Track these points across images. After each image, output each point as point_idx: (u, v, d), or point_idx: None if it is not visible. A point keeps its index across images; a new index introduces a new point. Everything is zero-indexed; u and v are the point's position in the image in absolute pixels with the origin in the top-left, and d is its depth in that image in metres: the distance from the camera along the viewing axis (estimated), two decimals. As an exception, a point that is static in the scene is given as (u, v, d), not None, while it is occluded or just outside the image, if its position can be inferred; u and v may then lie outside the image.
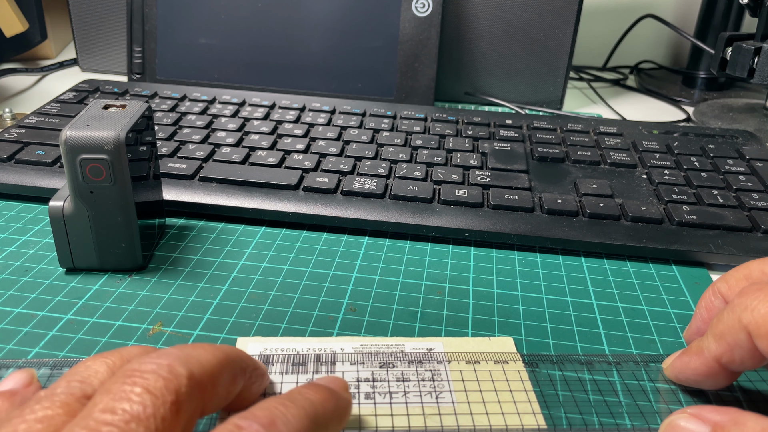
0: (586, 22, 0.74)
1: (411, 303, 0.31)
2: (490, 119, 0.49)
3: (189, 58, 0.56)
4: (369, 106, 0.50)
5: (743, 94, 0.66)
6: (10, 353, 0.26)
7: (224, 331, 0.28)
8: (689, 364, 0.24)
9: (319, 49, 0.55)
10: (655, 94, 0.65)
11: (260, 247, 0.35)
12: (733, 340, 0.21)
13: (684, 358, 0.24)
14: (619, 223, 0.36)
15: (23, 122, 0.44)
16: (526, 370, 0.26)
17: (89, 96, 0.50)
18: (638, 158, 0.44)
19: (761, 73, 0.48)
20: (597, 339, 0.29)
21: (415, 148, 0.44)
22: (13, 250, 0.34)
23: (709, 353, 0.23)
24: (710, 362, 0.23)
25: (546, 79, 0.58)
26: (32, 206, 0.38)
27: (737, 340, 0.21)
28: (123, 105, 0.31)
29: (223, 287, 0.31)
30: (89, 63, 0.64)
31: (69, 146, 0.28)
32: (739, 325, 0.21)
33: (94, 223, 0.30)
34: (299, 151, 0.42)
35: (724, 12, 0.65)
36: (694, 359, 0.23)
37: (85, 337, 0.27)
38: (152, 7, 0.55)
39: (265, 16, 0.55)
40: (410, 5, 0.53)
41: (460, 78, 0.59)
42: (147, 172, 0.32)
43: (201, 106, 0.48)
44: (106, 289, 0.31)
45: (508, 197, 0.37)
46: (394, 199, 0.37)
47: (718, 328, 0.22)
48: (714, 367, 0.23)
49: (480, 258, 0.35)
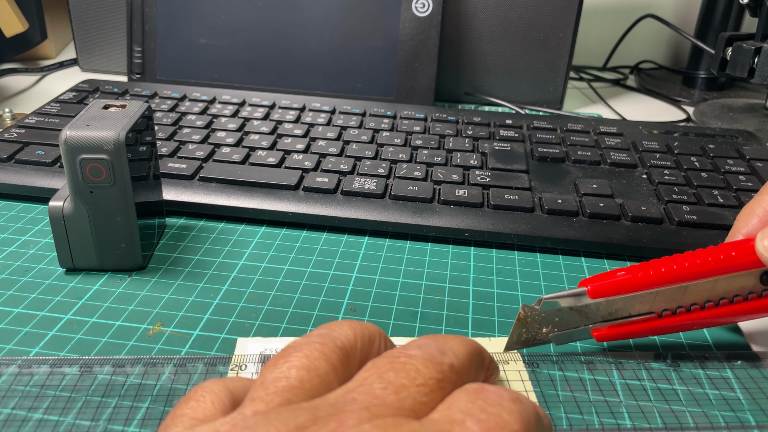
0: (586, 22, 0.74)
1: (411, 303, 0.31)
2: (490, 119, 0.49)
3: (189, 58, 0.56)
4: (369, 106, 0.50)
5: (743, 94, 0.66)
6: (10, 353, 0.26)
7: (224, 331, 0.28)
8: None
9: (319, 49, 0.55)
10: (655, 94, 0.65)
11: (260, 247, 0.35)
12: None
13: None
14: (619, 223, 0.36)
15: (23, 122, 0.44)
16: (526, 370, 0.26)
17: (89, 96, 0.50)
18: (638, 158, 0.44)
19: (761, 73, 0.48)
20: (597, 339, 0.29)
21: (415, 148, 0.44)
22: (13, 250, 0.34)
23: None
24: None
25: (546, 79, 0.58)
26: (32, 206, 0.38)
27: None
28: (123, 105, 0.31)
29: (223, 287, 0.31)
30: (89, 63, 0.64)
31: (69, 146, 0.28)
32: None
33: (94, 223, 0.30)
34: (299, 151, 0.42)
35: (724, 12, 0.65)
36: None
37: (85, 337, 0.27)
38: (152, 7, 0.55)
39: (265, 16, 0.55)
40: (410, 5, 0.53)
41: (460, 78, 0.59)
42: (147, 172, 0.32)
43: (201, 106, 0.48)
44: (106, 289, 0.31)
45: (508, 197, 0.37)
46: (394, 199, 0.37)
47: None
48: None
49: (480, 258, 0.35)
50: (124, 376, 0.25)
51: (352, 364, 0.19)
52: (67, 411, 0.23)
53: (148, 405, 0.24)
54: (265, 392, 0.18)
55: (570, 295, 0.25)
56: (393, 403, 0.17)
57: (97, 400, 0.24)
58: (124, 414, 0.23)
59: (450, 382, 0.19)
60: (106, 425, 0.23)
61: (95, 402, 0.24)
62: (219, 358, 0.26)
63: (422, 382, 0.18)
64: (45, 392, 0.24)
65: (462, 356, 0.20)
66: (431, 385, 0.18)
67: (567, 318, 0.26)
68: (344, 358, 0.19)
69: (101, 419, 0.23)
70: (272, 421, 0.16)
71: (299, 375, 0.18)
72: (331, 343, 0.19)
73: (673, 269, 0.25)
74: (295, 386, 0.18)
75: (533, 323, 0.26)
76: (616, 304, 0.26)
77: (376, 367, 0.18)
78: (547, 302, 0.25)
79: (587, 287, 0.25)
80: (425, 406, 0.17)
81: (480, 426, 0.16)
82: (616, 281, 0.25)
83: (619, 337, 0.26)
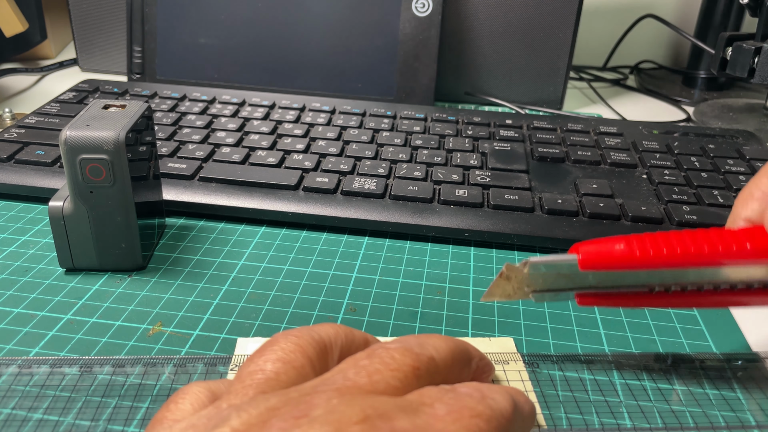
0: (586, 22, 0.74)
1: (411, 303, 0.31)
2: (490, 119, 0.49)
3: (189, 58, 0.56)
4: (369, 106, 0.50)
5: (743, 94, 0.66)
6: (10, 353, 0.26)
7: (224, 331, 0.28)
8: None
9: (319, 49, 0.55)
10: (655, 94, 0.65)
11: (260, 247, 0.35)
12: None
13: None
14: (620, 223, 0.36)
15: (23, 122, 0.44)
16: (526, 370, 0.26)
17: (89, 96, 0.50)
18: (638, 158, 0.44)
19: (761, 73, 0.48)
20: (597, 339, 0.29)
21: (415, 148, 0.44)
22: (13, 250, 0.34)
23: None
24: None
25: (546, 79, 0.58)
26: (32, 206, 0.38)
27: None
28: (123, 105, 0.31)
29: (223, 287, 0.31)
30: (89, 63, 0.64)
31: (69, 146, 0.28)
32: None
33: (94, 223, 0.30)
34: (299, 151, 0.42)
35: (724, 12, 0.65)
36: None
37: (84, 337, 0.27)
38: (152, 7, 0.55)
39: (265, 16, 0.55)
40: (410, 5, 0.53)
41: (460, 78, 0.59)
42: (147, 172, 0.32)
43: (201, 106, 0.48)
44: (106, 289, 0.31)
45: (508, 197, 0.37)
46: (394, 199, 0.37)
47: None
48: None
49: (480, 258, 0.35)
50: (124, 376, 0.25)
51: (330, 358, 0.20)
52: (67, 411, 0.23)
53: (148, 405, 0.24)
54: (241, 385, 0.18)
55: (559, 262, 0.24)
56: (365, 385, 0.17)
57: (97, 400, 0.24)
58: (124, 414, 0.23)
59: (427, 372, 0.18)
60: (106, 425, 0.23)
61: (95, 402, 0.24)
62: (219, 358, 0.26)
63: (396, 367, 0.18)
64: (45, 392, 0.24)
65: (443, 351, 0.20)
66: (405, 371, 0.18)
67: (553, 280, 0.24)
68: (321, 351, 0.19)
69: (101, 419, 0.23)
70: (244, 407, 0.16)
71: (275, 367, 0.18)
72: (308, 337, 0.19)
73: (676, 252, 0.23)
74: (270, 378, 0.18)
75: (516, 282, 0.25)
76: (606, 276, 0.24)
77: (353, 358, 0.18)
78: (534, 266, 0.24)
79: (578, 255, 0.23)
80: (397, 390, 0.17)
81: (448, 407, 0.17)
82: (612, 255, 0.23)
83: (603, 305, 0.25)
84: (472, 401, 0.17)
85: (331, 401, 0.16)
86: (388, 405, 0.16)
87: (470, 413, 0.17)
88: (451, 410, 0.17)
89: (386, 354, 0.18)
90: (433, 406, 0.17)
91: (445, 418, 0.16)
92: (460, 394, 0.18)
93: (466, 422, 0.16)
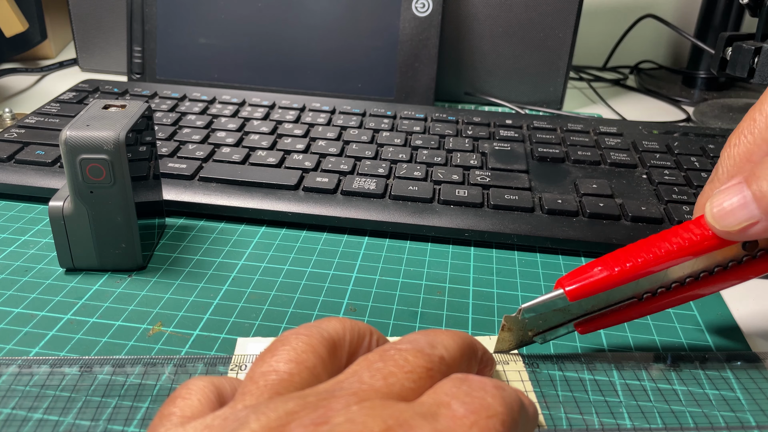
0: (586, 22, 0.74)
1: (411, 303, 0.31)
2: (490, 119, 0.49)
3: (189, 58, 0.56)
4: (369, 106, 0.50)
5: (743, 94, 0.66)
6: (10, 353, 0.26)
7: (224, 331, 0.28)
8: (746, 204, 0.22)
9: (319, 49, 0.55)
10: (655, 94, 0.65)
11: (260, 247, 0.35)
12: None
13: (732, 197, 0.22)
14: (619, 223, 0.36)
15: (23, 122, 0.44)
16: (526, 370, 0.26)
17: (89, 96, 0.50)
18: (638, 158, 0.44)
19: (761, 73, 0.48)
20: (597, 339, 0.29)
21: (415, 148, 0.44)
22: (13, 250, 0.34)
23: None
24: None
25: (546, 79, 0.58)
26: (32, 206, 0.38)
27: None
28: (123, 105, 0.31)
29: (223, 287, 0.31)
30: (89, 63, 0.64)
31: (69, 146, 0.28)
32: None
33: (94, 223, 0.30)
34: (299, 151, 0.42)
35: (724, 12, 0.65)
36: None
37: (84, 337, 0.27)
38: (152, 7, 0.55)
39: (265, 16, 0.55)
40: (410, 5, 0.53)
41: (460, 78, 0.59)
42: (147, 172, 0.32)
43: (201, 106, 0.48)
44: (106, 289, 0.31)
45: (508, 197, 0.37)
46: (394, 199, 0.37)
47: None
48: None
49: (480, 258, 0.35)
50: (124, 376, 0.25)
51: (341, 356, 0.20)
52: (67, 411, 0.23)
53: (148, 405, 0.24)
54: (255, 386, 0.18)
55: (549, 300, 0.25)
56: (381, 388, 0.17)
57: (97, 400, 0.24)
58: (124, 414, 0.23)
59: (439, 372, 0.19)
60: (106, 425, 0.23)
61: (95, 402, 0.24)
62: (219, 358, 0.26)
63: (410, 369, 0.18)
64: (45, 392, 0.24)
65: (452, 349, 0.20)
66: (419, 372, 0.18)
67: (550, 317, 0.26)
68: (332, 349, 0.19)
69: (101, 419, 0.23)
70: (262, 410, 0.16)
71: (288, 368, 0.18)
72: (318, 335, 0.19)
73: (650, 258, 0.24)
74: (284, 379, 0.18)
75: (518, 329, 0.26)
76: (596, 299, 0.25)
77: (367, 359, 0.19)
78: (528, 310, 0.25)
79: (564, 289, 0.24)
80: (413, 392, 0.18)
81: (465, 408, 0.17)
82: (594, 281, 0.24)
83: (603, 326, 0.26)
84: (488, 397, 0.17)
85: (351, 408, 0.16)
86: (408, 413, 0.16)
87: (487, 413, 0.17)
88: (468, 411, 0.17)
89: (399, 356, 0.18)
90: (451, 406, 0.17)
91: (463, 421, 0.16)
92: (474, 387, 0.18)
93: (483, 424, 0.17)
